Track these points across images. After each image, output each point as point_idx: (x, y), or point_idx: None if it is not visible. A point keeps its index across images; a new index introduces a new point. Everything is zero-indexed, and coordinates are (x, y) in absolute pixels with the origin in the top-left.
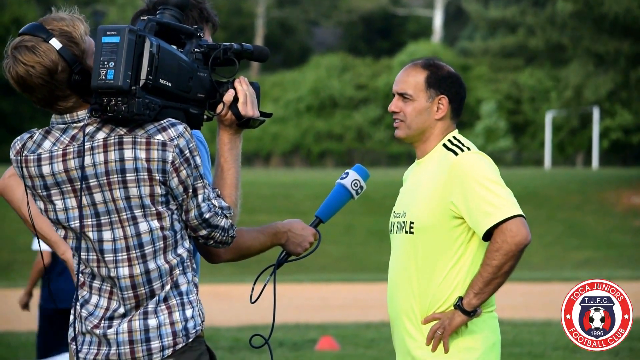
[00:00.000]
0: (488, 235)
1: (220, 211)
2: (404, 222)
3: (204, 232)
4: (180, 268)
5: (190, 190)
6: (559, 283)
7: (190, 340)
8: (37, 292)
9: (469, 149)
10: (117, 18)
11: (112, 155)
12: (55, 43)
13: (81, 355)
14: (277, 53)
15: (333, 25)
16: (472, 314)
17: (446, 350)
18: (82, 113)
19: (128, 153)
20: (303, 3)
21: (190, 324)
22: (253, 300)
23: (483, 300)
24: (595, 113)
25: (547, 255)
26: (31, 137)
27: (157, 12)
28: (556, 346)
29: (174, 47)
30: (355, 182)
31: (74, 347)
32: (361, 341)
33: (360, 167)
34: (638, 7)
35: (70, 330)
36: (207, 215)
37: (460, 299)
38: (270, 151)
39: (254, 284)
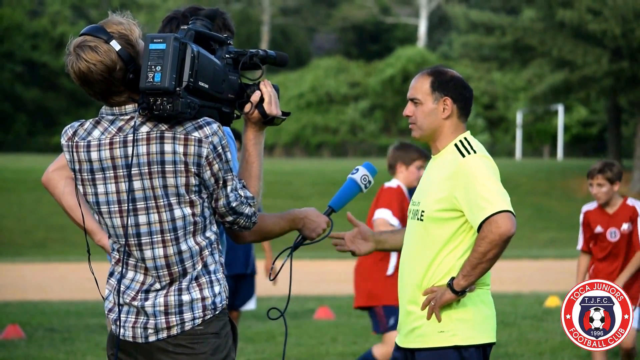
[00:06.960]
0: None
1: (245, 200)
2: (417, 210)
3: (230, 219)
4: (209, 249)
5: (221, 182)
6: (528, 260)
7: (217, 312)
8: None
9: (475, 152)
10: (146, 20)
11: (154, 148)
12: (115, 45)
13: (119, 323)
14: None
15: (330, 32)
16: (460, 293)
17: (439, 320)
18: (130, 107)
19: (168, 147)
20: (303, 12)
21: (218, 299)
22: (272, 278)
23: (470, 282)
24: (560, 109)
25: (517, 236)
26: (82, 125)
27: (190, 21)
28: (525, 315)
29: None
30: (364, 177)
31: (112, 316)
32: (354, 311)
33: (369, 164)
34: (589, 13)
35: (106, 302)
36: (234, 204)
37: (452, 279)
38: (273, 142)
39: (273, 264)
